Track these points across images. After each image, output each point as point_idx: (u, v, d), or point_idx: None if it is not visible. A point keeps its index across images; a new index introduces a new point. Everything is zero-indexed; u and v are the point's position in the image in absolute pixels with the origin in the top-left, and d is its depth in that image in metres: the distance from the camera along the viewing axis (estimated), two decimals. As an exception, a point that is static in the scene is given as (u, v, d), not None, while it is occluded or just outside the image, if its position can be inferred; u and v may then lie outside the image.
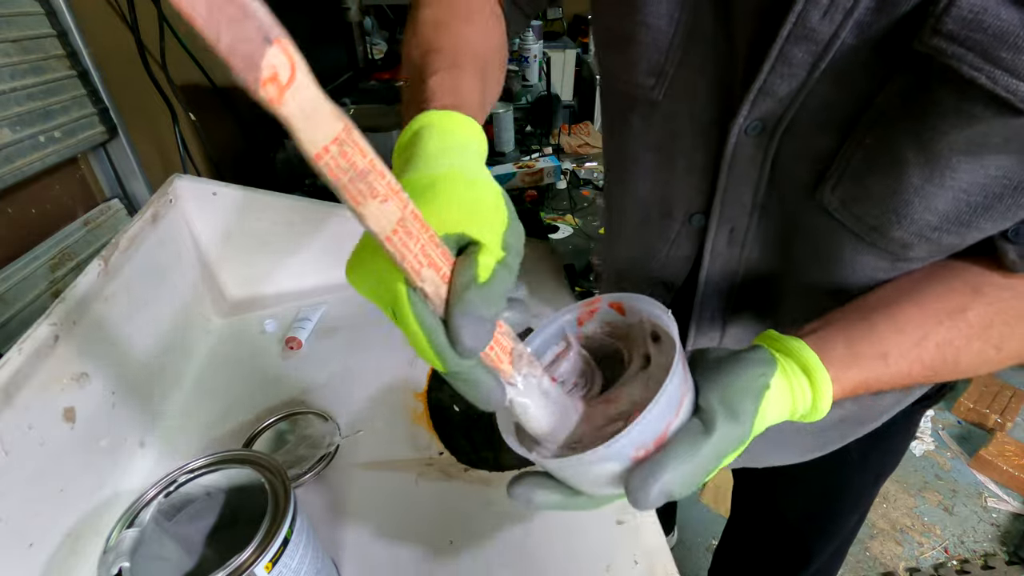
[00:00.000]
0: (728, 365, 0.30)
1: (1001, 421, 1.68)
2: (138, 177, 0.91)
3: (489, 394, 0.26)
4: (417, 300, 0.23)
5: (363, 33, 1.78)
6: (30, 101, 0.72)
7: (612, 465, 0.27)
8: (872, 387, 0.33)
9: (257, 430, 0.62)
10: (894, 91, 0.32)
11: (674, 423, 0.28)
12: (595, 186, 3.09)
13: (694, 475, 0.27)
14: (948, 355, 0.34)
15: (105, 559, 0.36)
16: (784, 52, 0.34)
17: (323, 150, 0.18)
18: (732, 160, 0.41)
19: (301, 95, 0.16)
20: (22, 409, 0.44)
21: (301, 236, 0.82)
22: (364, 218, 0.20)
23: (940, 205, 0.33)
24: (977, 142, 0.30)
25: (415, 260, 0.22)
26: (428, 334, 0.24)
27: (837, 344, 0.32)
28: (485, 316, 0.23)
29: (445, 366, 0.25)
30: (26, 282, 0.71)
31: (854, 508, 0.69)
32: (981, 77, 0.27)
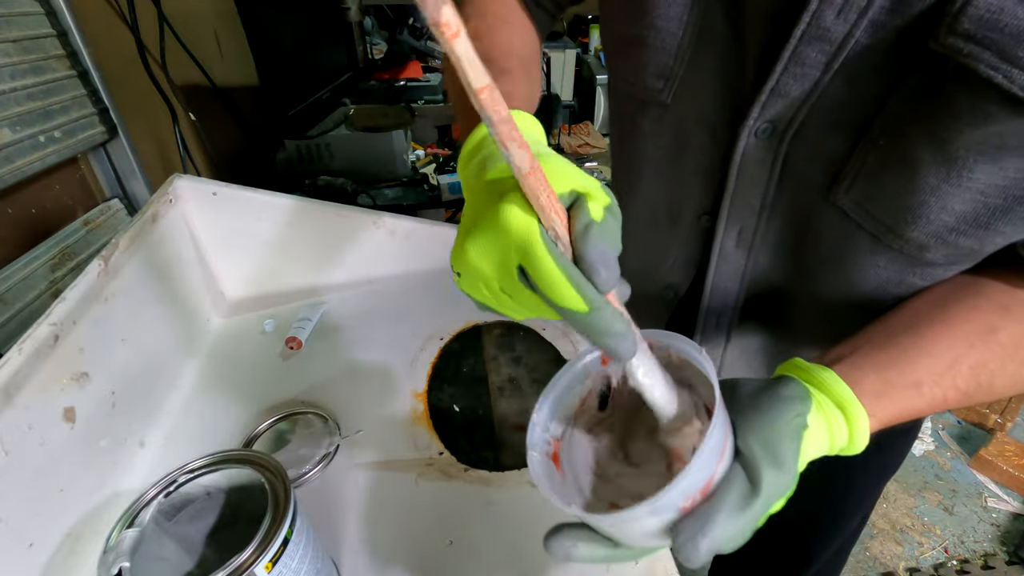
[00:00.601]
0: (764, 404, 0.29)
1: (1001, 421, 1.68)
2: (138, 177, 0.91)
3: (625, 333, 0.26)
4: (550, 240, 0.24)
5: (363, 33, 1.78)
6: (30, 101, 0.72)
7: (658, 518, 0.26)
8: (907, 416, 0.32)
9: (257, 430, 0.62)
10: (908, 91, 0.32)
11: (719, 469, 0.27)
12: (595, 186, 3.08)
13: (744, 529, 0.26)
14: (983, 379, 0.32)
15: (105, 559, 0.36)
16: (797, 52, 0.34)
17: (484, 88, 0.21)
18: (741, 162, 0.40)
19: (465, 44, 0.20)
20: (22, 409, 0.44)
21: (301, 236, 0.82)
22: (511, 154, 0.22)
23: (957, 206, 0.33)
24: (994, 143, 0.30)
25: (547, 202, 0.24)
26: (565, 269, 0.24)
27: (868, 373, 0.31)
28: (609, 250, 0.24)
29: (586, 301, 0.24)
30: (26, 282, 0.71)
31: (856, 510, 0.69)
32: (998, 76, 0.27)
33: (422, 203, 1.30)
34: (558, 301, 0.25)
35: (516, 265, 0.25)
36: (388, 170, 1.34)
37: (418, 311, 0.79)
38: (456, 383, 0.68)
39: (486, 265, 0.26)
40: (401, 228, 0.83)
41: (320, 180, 1.26)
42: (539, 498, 0.53)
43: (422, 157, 1.54)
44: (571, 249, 0.25)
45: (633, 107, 0.48)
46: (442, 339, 0.74)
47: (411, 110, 1.44)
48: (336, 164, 1.32)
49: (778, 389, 0.29)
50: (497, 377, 0.68)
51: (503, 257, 0.26)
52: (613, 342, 0.26)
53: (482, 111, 0.21)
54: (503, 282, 0.27)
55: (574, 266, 0.24)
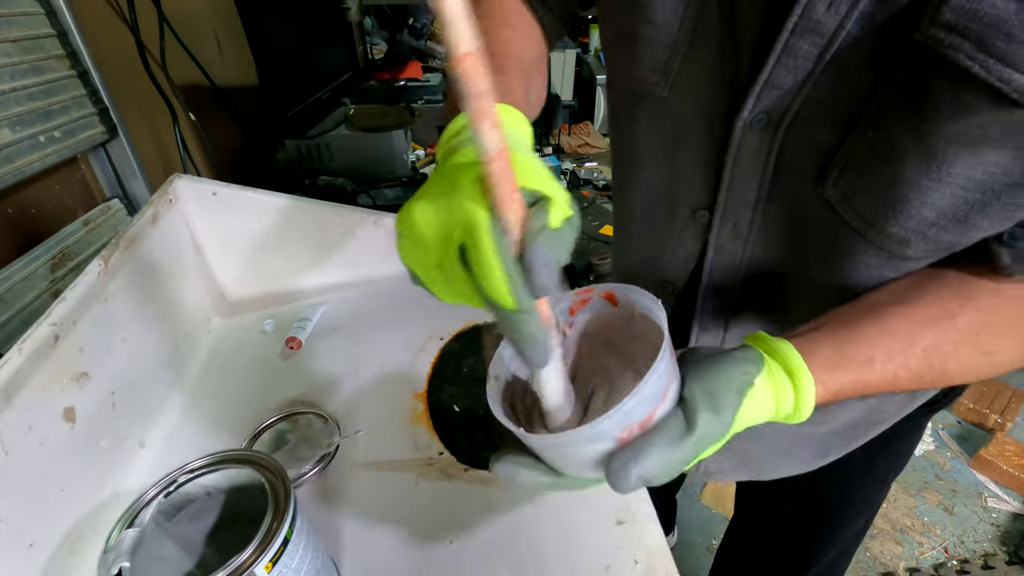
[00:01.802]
0: (715, 361, 0.30)
1: (1001, 421, 1.68)
2: (138, 177, 0.91)
3: (540, 345, 0.27)
4: (498, 231, 0.24)
5: (363, 33, 1.78)
6: (30, 101, 0.71)
7: (597, 446, 0.28)
8: (858, 391, 0.33)
9: (257, 430, 0.62)
10: (896, 84, 0.32)
11: (660, 409, 0.28)
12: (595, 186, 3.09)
13: (673, 463, 0.27)
14: (935, 361, 0.34)
15: (105, 559, 0.36)
16: (790, 44, 0.34)
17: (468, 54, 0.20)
18: (736, 154, 0.41)
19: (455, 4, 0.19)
20: (22, 409, 0.44)
21: (301, 236, 0.82)
22: (480, 132, 0.22)
23: (938, 201, 0.33)
24: (975, 136, 0.30)
25: (505, 192, 0.23)
26: (504, 263, 0.24)
27: (823, 347, 0.33)
28: (554, 258, 0.24)
29: (515, 300, 0.25)
30: (26, 282, 0.71)
31: (859, 513, 0.69)
32: (975, 67, 0.28)
33: (422, 203, 1.30)
34: (488, 291, 0.25)
35: (458, 243, 0.25)
36: (388, 170, 1.34)
37: (418, 311, 0.79)
38: (456, 383, 0.68)
39: (429, 232, 0.26)
40: (401, 228, 0.83)
41: (320, 180, 1.26)
42: (539, 498, 0.53)
43: (422, 157, 1.54)
44: (518, 246, 0.24)
45: (630, 101, 0.48)
46: (442, 339, 0.74)
47: (411, 110, 1.44)
48: (336, 164, 1.31)
49: (733, 352, 0.31)
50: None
51: (448, 230, 0.26)
52: (528, 348, 0.27)
53: (460, 79, 0.21)
54: (441, 255, 0.27)
55: (515, 262, 0.24)
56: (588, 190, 2.98)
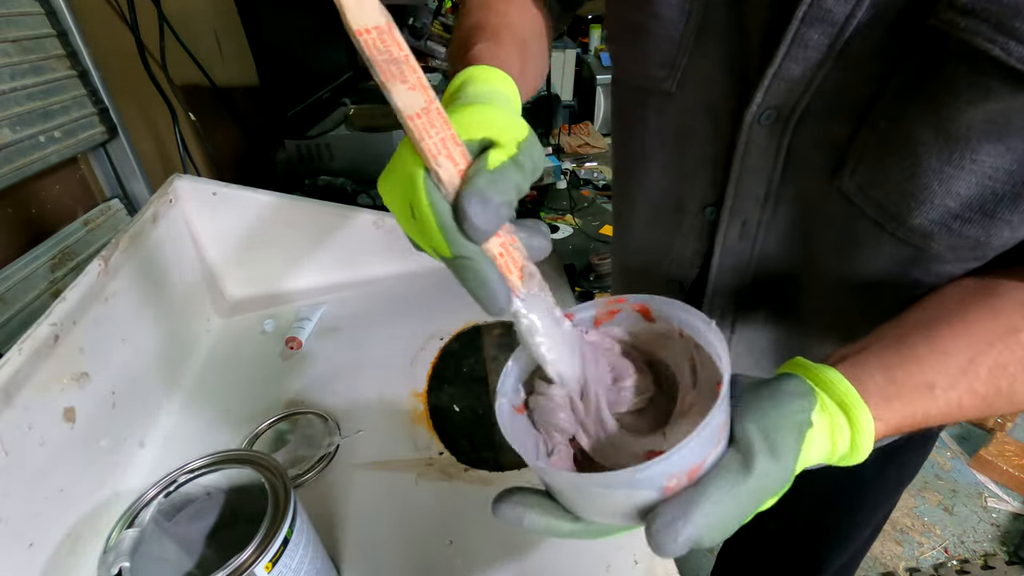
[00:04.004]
0: (766, 396, 0.26)
1: (1001, 421, 1.68)
2: (138, 177, 0.90)
3: (493, 290, 0.26)
4: (431, 184, 0.25)
5: (363, 33, 1.78)
6: (30, 101, 0.71)
7: (638, 494, 0.23)
8: (918, 423, 0.29)
9: (257, 430, 0.62)
10: (910, 71, 0.31)
11: (712, 455, 0.24)
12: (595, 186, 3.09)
13: (729, 520, 0.23)
14: (1003, 383, 0.29)
15: (105, 559, 0.36)
16: (800, 34, 0.34)
17: (364, 31, 0.22)
18: (745, 151, 0.40)
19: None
20: (22, 409, 0.44)
21: (301, 236, 0.82)
22: (391, 94, 0.23)
23: (962, 190, 0.32)
24: (999, 122, 0.29)
25: (433, 146, 0.24)
26: (436, 213, 0.25)
27: (874, 373, 0.28)
28: (491, 199, 0.24)
29: (450, 246, 0.25)
30: (26, 282, 0.71)
31: (868, 521, 0.68)
32: (995, 49, 0.27)
33: (422, 203, 1.30)
34: (429, 242, 0.26)
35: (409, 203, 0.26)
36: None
37: (418, 311, 0.79)
38: (456, 383, 0.68)
39: (390, 200, 0.28)
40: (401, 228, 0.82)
41: (320, 180, 1.26)
42: (539, 498, 0.53)
43: None
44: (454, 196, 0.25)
45: (636, 98, 0.48)
46: (442, 339, 0.74)
47: (411, 110, 1.44)
48: (336, 164, 1.31)
49: (780, 384, 0.27)
50: (497, 377, 0.68)
51: (402, 191, 0.26)
52: (477, 292, 0.26)
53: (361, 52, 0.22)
54: (403, 215, 0.27)
55: (449, 210, 0.25)
56: (588, 190, 2.98)
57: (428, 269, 0.85)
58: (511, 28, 0.41)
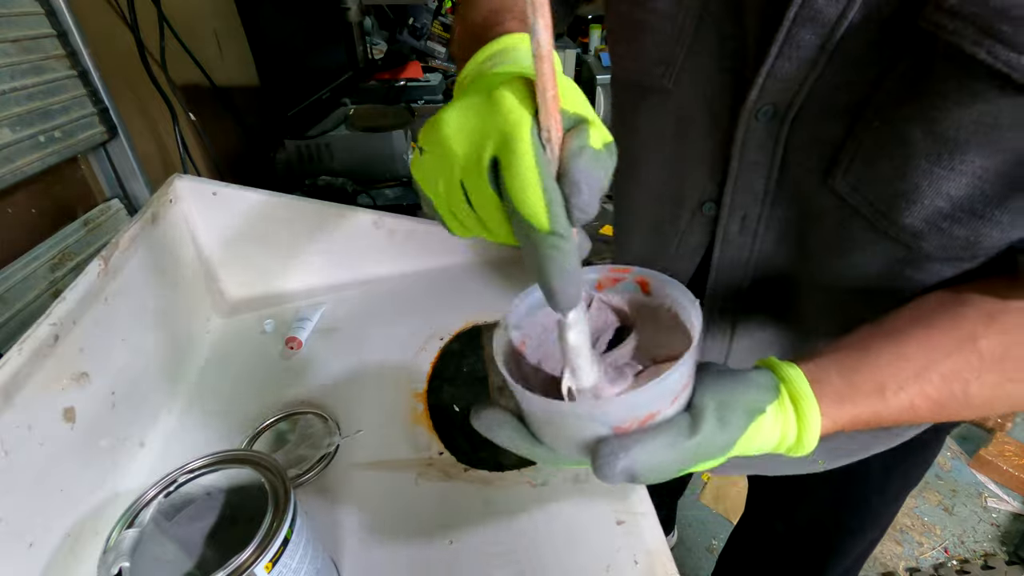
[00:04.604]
0: (732, 379, 0.29)
1: (1001, 421, 1.68)
2: (138, 177, 0.90)
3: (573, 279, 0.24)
4: (539, 140, 0.22)
5: (363, 33, 1.78)
6: (30, 101, 0.71)
7: (593, 426, 0.26)
8: (871, 423, 0.31)
9: (257, 430, 0.62)
10: (901, 72, 0.31)
11: (665, 411, 0.27)
12: (595, 186, 3.08)
13: (665, 465, 0.26)
14: (956, 388, 0.31)
15: (105, 559, 0.36)
16: (792, 34, 0.34)
17: None
18: (743, 146, 0.40)
19: None
20: (22, 409, 0.44)
21: (301, 236, 0.82)
22: (538, 24, 0.20)
23: (952, 191, 0.32)
24: (987, 123, 0.29)
25: (553, 98, 0.21)
26: (544, 175, 0.22)
27: (832, 374, 0.31)
28: (598, 180, 0.22)
29: (551, 219, 0.22)
30: (26, 282, 0.71)
31: (874, 524, 0.68)
32: (981, 52, 0.27)
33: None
34: (524, 208, 0.22)
35: (491, 157, 0.23)
36: (388, 170, 1.34)
37: (418, 311, 0.79)
38: (456, 383, 0.68)
39: (458, 144, 0.24)
40: (401, 228, 0.83)
41: (320, 180, 1.26)
42: (539, 498, 0.53)
43: None
44: (558, 165, 0.22)
45: (635, 94, 0.48)
46: (442, 339, 0.74)
47: (411, 110, 1.44)
48: (336, 164, 1.31)
49: (749, 374, 0.30)
50: (497, 377, 0.68)
51: (480, 140, 0.23)
52: (558, 283, 0.24)
53: None
54: (467, 172, 0.24)
55: (554, 173, 0.22)
56: (588, 190, 2.97)
57: (428, 269, 0.85)
58: None
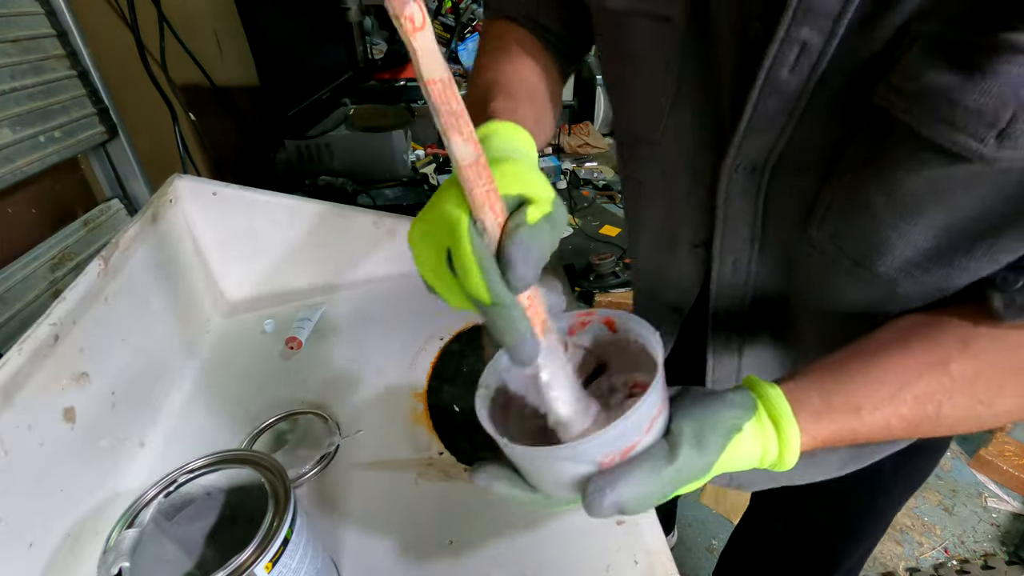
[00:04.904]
0: (707, 402, 0.31)
1: (1001, 421, 1.68)
2: (138, 177, 0.91)
3: (524, 338, 0.28)
4: (475, 231, 0.26)
5: (363, 33, 1.78)
6: (30, 101, 0.71)
7: (576, 466, 0.28)
8: (847, 439, 0.33)
9: (257, 430, 0.62)
10: (861, 139, 0.34)
11: (644, 440, 0.28)
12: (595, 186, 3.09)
13: (650, 494, 0.28)
14: (929, 409, 0.33)
15: (105, 559, 0.36)
16: (759, 105, 0.36)
17: (433, 80, 0.23)
18: (727, 197, 0.42)
19: (426, 37, 0.22)
20: (22, 409, 0.44)
21: (301, 236, 0.82)
22: (451, 143, 0.24)
23: (920, 243, 0.34)
24: (941, 187, 0.31)
25: (482, 196, 0.25)
26: (480, 260, 0.26)
27: (812, 393, 0.32)
28: (532, 252, 0.26)
29: (492, 294, 0.26)
30: (26, 282, 0.71)
31: (882, 521, 0.69)
32: (923, 130, 0.29)
33: (422, 203, 1.28)
34: (467, 287, 0.27)
35: (446, 248, 0.27)
36: (388, 170, 1.34)
37: (418, 311, 0.79)
38: (456, 383, 0.68)
39: (423, 245, 0.29)
40: (401, 228, 0.83)
41: (320, 180, 1.26)
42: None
43: (422, 157, 1.54)
44: (496, 245, 0.26)
45: (631, 139, 0.51)
46: (442, 339, 0.74)
47: (411, 110, 1.44)
48: (336, 164, 1.31)
49: (727, 395, 0.31)
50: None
51: (438, 240, 0.28)
52: (511, 342, 0.28)
53: (429, 100, 0.24)
54: (435, 264, 0.29)
55: (492, 259, 0.26)
56: (588, 190, 2.98)
57: (428, 269, 0.85)
58: (525, 85, 0.44)
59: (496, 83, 0.42)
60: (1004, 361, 0.33)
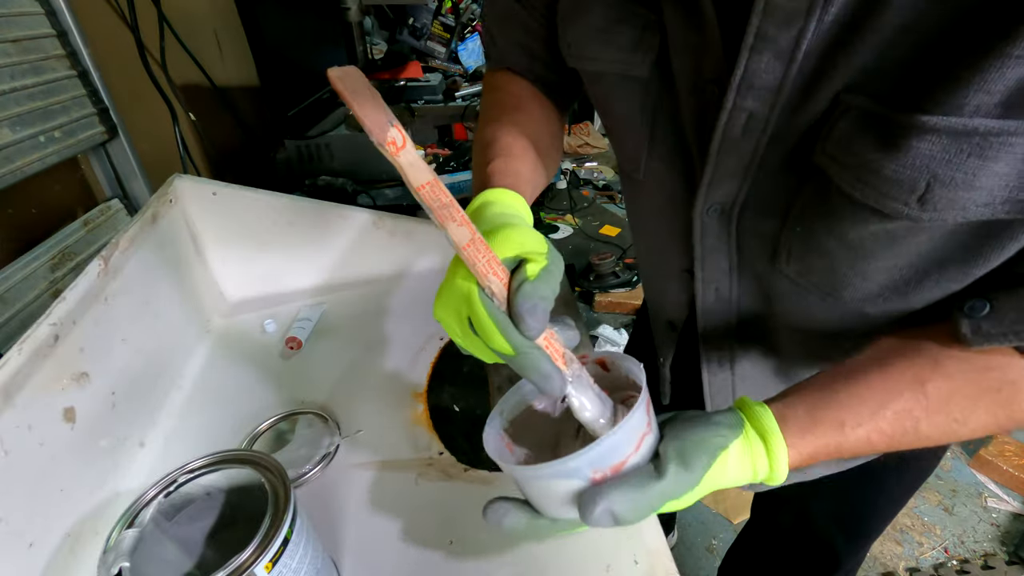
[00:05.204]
0: (694, 424, 0.32)
1: (1001, 421, 1.68)
2: (138, 177, 0.91)
3: (551, 376, 0.31)
4: (485, 296, 0.31)
5: (363, 33, 1.78)
6: (30, 101, 0.71)
7: (571, 483, 0.30)
8: (832, 454, 0.35)
9: (257, 430, 0.62)
10: (808, 194, 0.37)
11: (632, 458, 0.30)
12: (595, 186, 3.09)
13: (640, 506, 0.30)
14: (907, 425, 0.34)
15: (105, 559, 0.36)
16: (719, 160, 0.40)
17: (422, 186, 0.28)
18: (703, 234, 0.46)
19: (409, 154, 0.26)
20: (22, 409, 0.44)
21: (301, 236, 0.82)
22: (449, 232, 0.29)
23: (878, 278, 0.38)
24: (884, 236, 0.35)
25: (484, 267, 0.30)
26: (495, 320, 0.30)
27: (799, 411, 0.34)
28: (538, 302, 0.30)
29: (512, 345, 0.30)
30: (26, 282, 0.71)
31: (884, 518, 0.69)
32: (856, 193, 0.33)
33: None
34: (491, 344, 0.31)
35: (466, 316, 0.32)
36: (388, 170, 1.34)
37: (418, 311, 0.79)
38: (456, 383, 0.68)
39: (447, 317, 0.33)
40: (401, 228, 0.83)
41: (320, 180, 1.26)
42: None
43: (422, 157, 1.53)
44: (505, 304, 0.31)
45: (624, 175, 0.56)
46: (442, 339, 0.74)
47: (411, 110, 1.44)
48: (336, 164, 1.31)
49: (715, 416, 0.33)
50: (497, 377, 0.68)
51: (457, 310, 0.32)
52: (539, 380, 0.31)
53: (422, 202, 0.29)
54: (460, 329, 0.33)
55: (506, 317, 0.31)
56: (588, 190, 2.98)
57: (428, 269, 0.85)
58: (524, 139, 0.48)
59: (495, 141, 0.47)
60: (975, 382, 0.35)
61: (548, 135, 0.52)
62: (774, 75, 0.34)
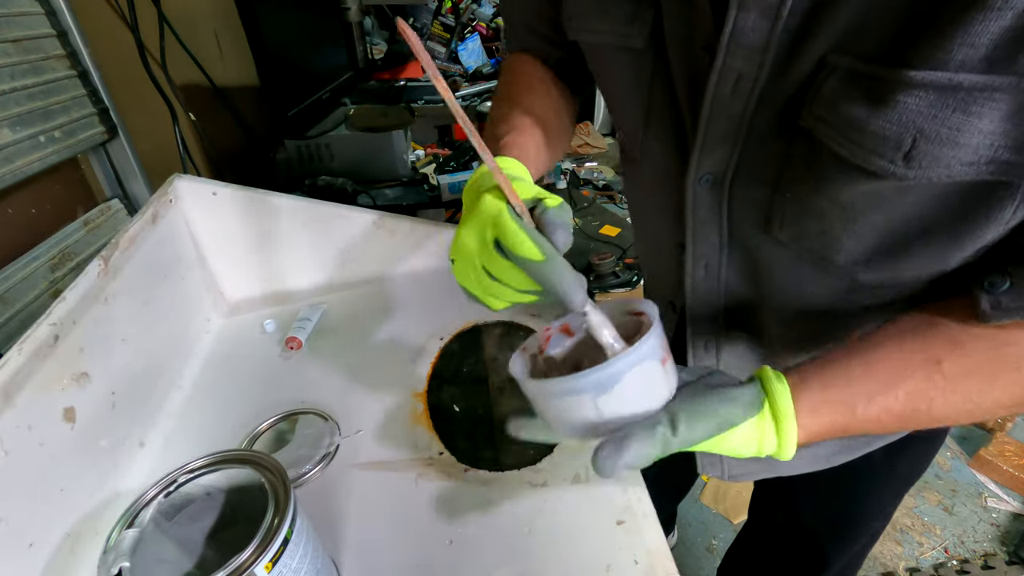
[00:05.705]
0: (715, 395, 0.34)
1: (1001, 421, 1.68)
2: (138, 177, 0.91)
3: (573, 284, 0.33)
4: (515, 214, 0.33)
5: (363, 33, 1.78)
6: (30, 101, 0.72)
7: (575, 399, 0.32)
8: (839, 433, 0.35)
9: (257, 430, 0.62)
10: (798, 156, 0.38)
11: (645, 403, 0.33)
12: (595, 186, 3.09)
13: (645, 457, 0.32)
14: (920, 405, 0.34)
15: (105, 559, 0.36)
16: (710, 125, 0.41)
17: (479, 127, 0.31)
18: (694, 207, 0.46)
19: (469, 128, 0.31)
20: (22, 409, 0.44)
21: (301, 236, 0.82)
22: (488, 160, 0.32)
23: (867, 240, 0.39)
24: (874, 195, 0.35)
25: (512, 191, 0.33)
26: (525, 228, 0.32)
27: (813, 387, 0.35)
28: (564, 220, 0.33)
29: (542, 251, 0.32)
30: (26, 282, 0.71)
31: (874, 515, 0.69)
32: (843, 151, 0.33)
33: (422, 203, 1.30)
34: (520, 252, 0.32)
35: (492, 239, 0.33)
36: (388, 170, 1.34)
37: (418, 311, 0.79)
38: (456, 383, 0.68)
39: (471, 242, 0.35)
40: (401, 228, 0.83)
41: (320, 180, 1.26)
42: (539, 498, 0.53)
43: (422, 157, 1.54)
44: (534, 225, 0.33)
45: (623, 152, 0.58)
46: (442, 339, 0.74)
47: (411, 110, 1.44)
48: (336, 164, 1.31)
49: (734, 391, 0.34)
50: (497, 377, 0.68)
51: (483, 233, 0.34)
52: (566, 289, 0.33)
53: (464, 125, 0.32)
54: (483, 255, 0.34)
55: (535, 230, 0.33)
56: (588, 190, 2.98)
57: (428, 269, 0.85)
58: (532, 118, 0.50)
59: (505, 119, 0.50)
60: (994, 359, 0.34)
61: (557, 116, 0.54)
62: (761, 33, 0.35)
